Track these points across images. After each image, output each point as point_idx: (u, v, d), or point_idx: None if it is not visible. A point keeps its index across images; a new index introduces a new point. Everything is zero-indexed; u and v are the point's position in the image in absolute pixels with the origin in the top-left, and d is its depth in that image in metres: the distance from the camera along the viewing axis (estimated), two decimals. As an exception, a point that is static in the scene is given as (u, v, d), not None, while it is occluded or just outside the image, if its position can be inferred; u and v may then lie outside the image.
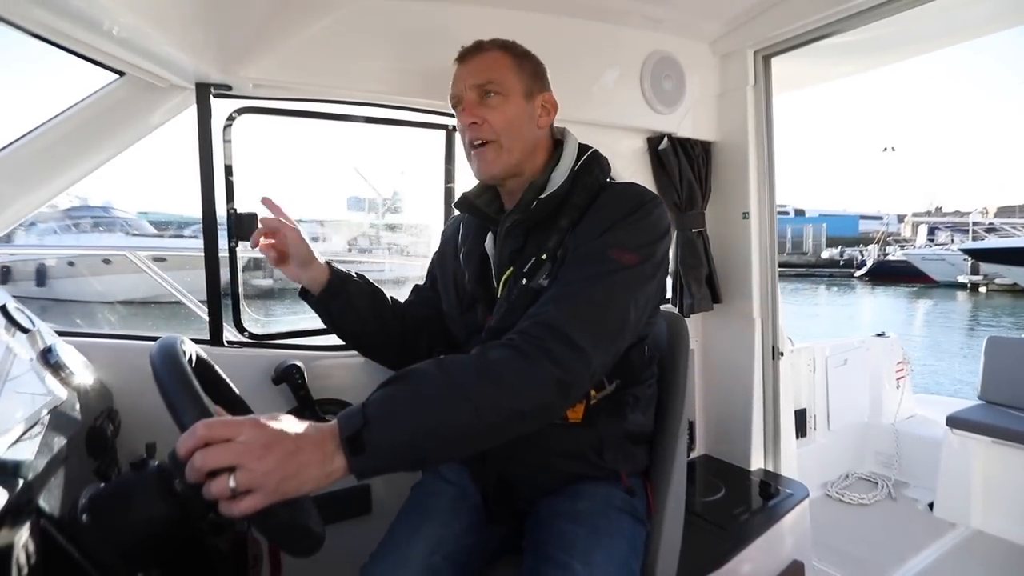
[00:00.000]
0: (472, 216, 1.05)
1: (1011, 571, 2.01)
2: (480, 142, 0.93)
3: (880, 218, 51.46)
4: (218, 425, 0.58)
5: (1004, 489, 2.22)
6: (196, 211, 1.22)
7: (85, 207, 15.29)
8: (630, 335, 0.83)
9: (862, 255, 30.93)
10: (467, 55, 0.96)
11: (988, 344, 2.51)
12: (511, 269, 0.94)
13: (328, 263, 1.07)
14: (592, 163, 0.97)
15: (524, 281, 0.90)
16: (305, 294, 1.08)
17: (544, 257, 0.90)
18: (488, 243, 1.01)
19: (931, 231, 31.21)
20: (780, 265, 1.90)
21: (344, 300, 1.06)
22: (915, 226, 36.52)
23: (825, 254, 34.95)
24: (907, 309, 17.97)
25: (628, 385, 0.96)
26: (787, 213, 46.98)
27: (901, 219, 48.57)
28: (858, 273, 28.02)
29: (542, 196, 0.92)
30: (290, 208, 1.06)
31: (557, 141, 1.01)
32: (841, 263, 31.65)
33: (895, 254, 28.66)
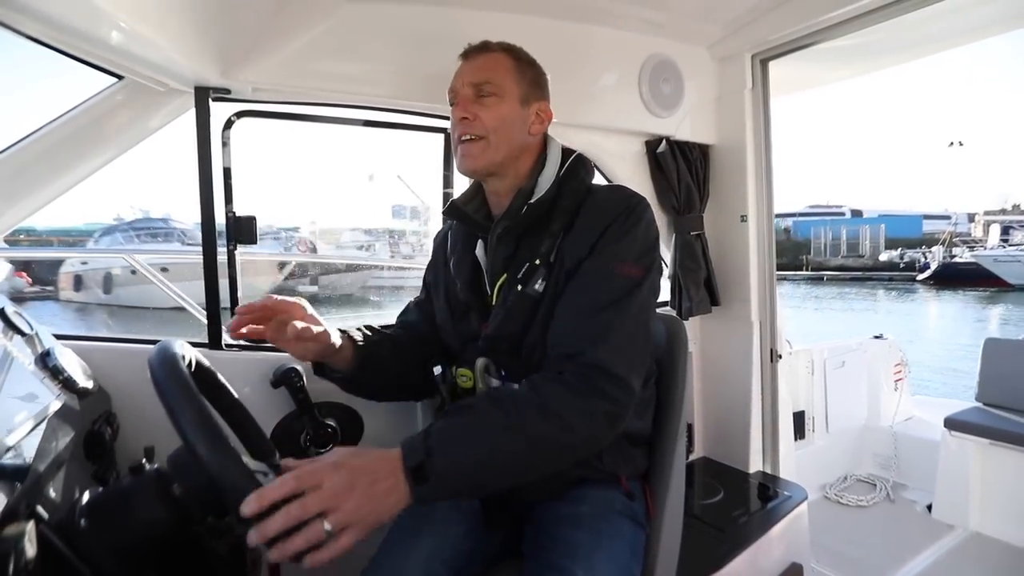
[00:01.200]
0: (461, 223, 1.04)
1: (1009, 573, 2.01)
2: (468, 137, 0.94)
3: (948, 217, 46.38)
4: (306, 475, 0.61)
5: (1002, 491, 2.22)
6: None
7: (147, 219, 16.51)
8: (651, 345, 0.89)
9: (925, 257, 28.95)
10: (472, 53, 0.97)
11: (986, 346, 2.52)
12: (504, 276, 0.94)
13: (344, 332, 0.96)
14: (577, 167, 0.97)
15: (519, 287, 0.91)
16: (323, 369, 0.98)
17: (538, 262, 0.90)
18: (479, 250, 1.01)
19: (1005, 230, 29.25)
20: (834, 269, 1.91)
21: (376, 367, 0.99)
22: (987, 225, 34.22)
23: (883, 256, 32.65)
24: (977, 315, 16.41)
25: None
26: (842, 214, 44.28)
27: (971, 218, 44.82)
28: (921, 276, 25.98)
29: (531, 202, 0.93)
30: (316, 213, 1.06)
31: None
32: (901, 266, 29.87)
33: (963, 255, 26.49)
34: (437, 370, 1.04)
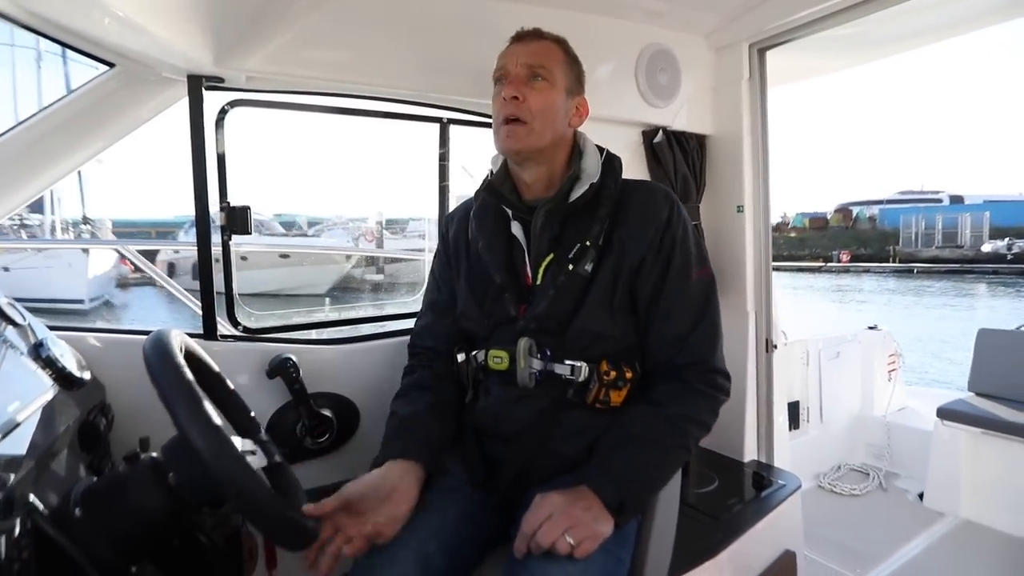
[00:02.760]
0: (499, 203, 1.03)
1: (998, 560, 2.04)
2: (514, 119, 0.94)
3: (1076, 201, 38.01)
4: (545, 507, 0.81)
5: (992, 479, 2.25)
6: (322, 211, 1.26)
7: None
8: None
9: (1040, 247, 23.98)
10: (526, 37, 0.99)
11: (979, 336, 2.54)
12: (551, 256, 0.96)
13: (397, 458, 0.94)
14: (614, 159, 1.03)
15: (570, 267, 0.94)
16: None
17: (588, 244, 0.94)
18: (516, 231, 1.01)
19: None
20: (926, 260, 1.85)
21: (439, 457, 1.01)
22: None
23: (986, 247, 27.47)
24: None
25: (644, 371, 0.99)
26: (939, 201, 38.56)
27: (1109, 201, 36.19)
28: (1033, 270, 21.59)
29: (593, 183, 0.97)
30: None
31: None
32: (1009, 257, 25.20)
33: (1092, 245, 22.31)
34: (460, 357, 1.06)
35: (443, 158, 1.56)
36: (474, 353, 1.04)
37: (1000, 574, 1.97)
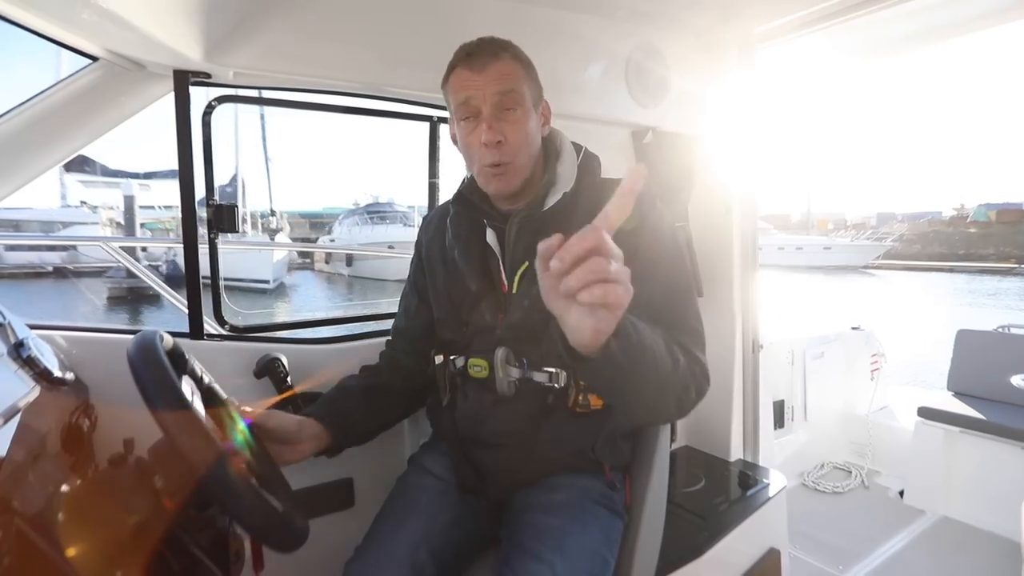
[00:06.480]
0: (473, 214, 1.01)
1: (975, 555, 2.09)
2: (498, 164, 0.90)
3: None
4: (591, 238, 0.55)
5: (969, 477, 2.30)
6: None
7: (376, 204, 21.10)
8: None
9: None
10: (483, 61, 0.88)
11: (958, 337, 2.59)
12: (526, 264, 0.94)
13: (315, 419, 0.98)
14: (591, 159, 0.99)
15: None
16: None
17: None
18: (491, 239, 0.99)
19: None
20: None
21: (356, 437, 1.03)
22: None
23: None
24: None
25: None
26: None
27: None
28: None
29: (566, 192, 0.93)
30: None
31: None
32: None
33: None
34: (438, 359, 1.05)
35: (433, 156, 1.56)
36: (452, 358, 1.03)
37: (976, 569, 2.02)
